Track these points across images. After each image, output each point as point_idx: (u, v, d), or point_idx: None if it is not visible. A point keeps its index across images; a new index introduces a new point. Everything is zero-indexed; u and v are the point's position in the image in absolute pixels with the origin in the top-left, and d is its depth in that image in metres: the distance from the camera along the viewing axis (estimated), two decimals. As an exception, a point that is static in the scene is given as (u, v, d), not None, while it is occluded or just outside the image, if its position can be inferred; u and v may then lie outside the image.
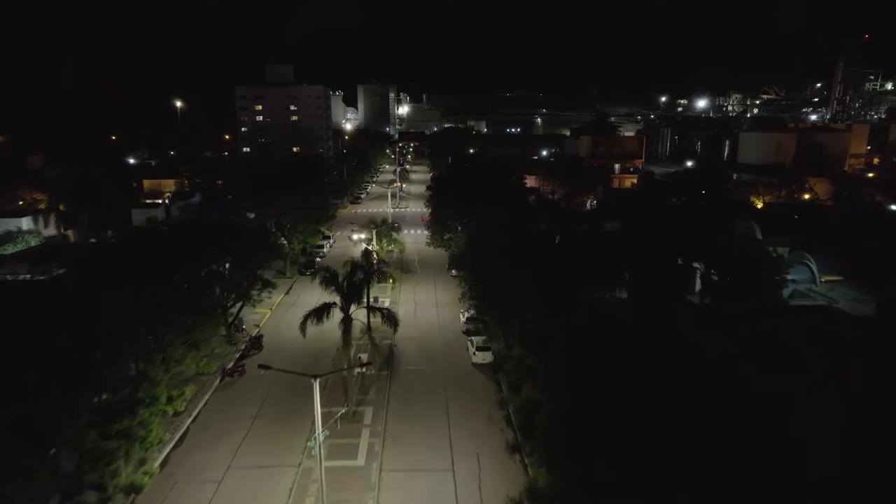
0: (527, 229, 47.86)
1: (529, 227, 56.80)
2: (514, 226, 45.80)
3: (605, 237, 51.57)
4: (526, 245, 39.57)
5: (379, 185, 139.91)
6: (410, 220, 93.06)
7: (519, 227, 45.87)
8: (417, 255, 70.71)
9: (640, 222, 62.20)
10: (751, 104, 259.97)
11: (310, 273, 62.30)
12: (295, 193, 59.43)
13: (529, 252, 38.03)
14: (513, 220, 59.35)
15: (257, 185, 66.04)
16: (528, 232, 46.21)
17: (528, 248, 39.07)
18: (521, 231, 45.18)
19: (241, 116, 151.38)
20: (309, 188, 62.83)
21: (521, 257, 37.28)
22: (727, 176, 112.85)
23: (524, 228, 47.34)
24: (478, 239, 43.75)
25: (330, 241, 75.21)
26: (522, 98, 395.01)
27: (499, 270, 37.33)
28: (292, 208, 58.76)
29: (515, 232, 43.92)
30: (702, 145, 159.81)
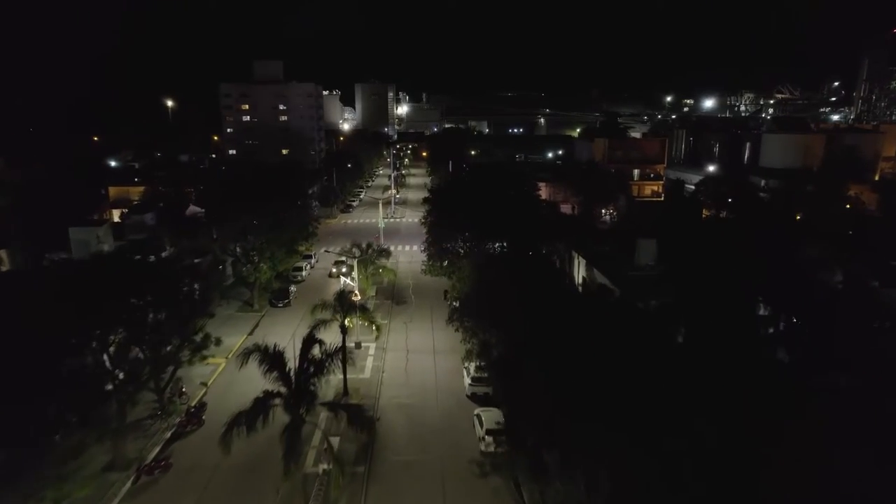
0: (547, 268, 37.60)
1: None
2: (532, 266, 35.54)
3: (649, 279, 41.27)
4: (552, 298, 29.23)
5: (374, 190, 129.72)
6: (406, 233, 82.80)
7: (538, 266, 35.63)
8: (412, 279, 60.37)
9: (681, 247, 51.96)
10: (765, 104, 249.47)
11: (283, 305, 52.11)
12: (262, 210, 49.01)
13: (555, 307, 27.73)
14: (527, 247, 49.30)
15: (225, 198, 55.78)
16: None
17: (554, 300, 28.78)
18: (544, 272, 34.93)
19: (226, 116, 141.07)
20: (282, 203, 52.38)
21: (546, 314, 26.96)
22: (756, 183, 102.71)
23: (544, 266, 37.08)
24: (487, 281, 33.40)
25: (311, 262, 64.84)
26: (524, 98, 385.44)
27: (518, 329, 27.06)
28: (259, 229, 48.31)
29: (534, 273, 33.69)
30: (720, 147, 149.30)
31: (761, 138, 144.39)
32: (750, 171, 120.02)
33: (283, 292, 53.25)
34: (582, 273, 55.03)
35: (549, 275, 34.91)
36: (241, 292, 53.85)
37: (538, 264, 37.58)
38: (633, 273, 48.92)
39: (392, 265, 65.72)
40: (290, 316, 49.78)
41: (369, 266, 47.69)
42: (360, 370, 38.99)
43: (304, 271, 60.68)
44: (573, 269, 57.18)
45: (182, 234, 51.63)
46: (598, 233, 60.05)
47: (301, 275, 59.79)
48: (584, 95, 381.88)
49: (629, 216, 68.46)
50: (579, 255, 55.53)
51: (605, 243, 56.85)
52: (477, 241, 50.82)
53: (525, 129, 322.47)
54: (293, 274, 59.37)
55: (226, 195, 57.38)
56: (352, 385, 36.33)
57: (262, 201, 51.90)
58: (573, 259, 57.08)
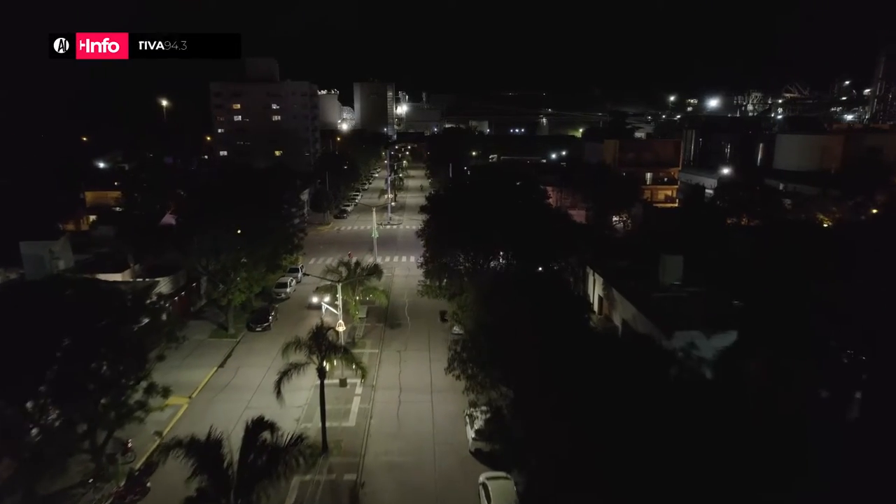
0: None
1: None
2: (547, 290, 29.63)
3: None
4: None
5: (371, 193, 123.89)
6: (403, 242, 76.94)
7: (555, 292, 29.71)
8: (408, 296, 54.43)
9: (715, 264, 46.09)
10: (773, 103, 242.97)
11: (262, 328, 46.18)
12: (236, 222, 43.08)
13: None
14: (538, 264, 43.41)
15: (201, 206, 49.98)
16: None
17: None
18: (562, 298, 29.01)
19: (216, 116, 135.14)
20: (260, 213, 46.47)
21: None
22: (774, 186, 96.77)
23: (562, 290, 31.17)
24: (493, 313, 27.44)
25: (297, 276, 58.87)
26: (526, 97, 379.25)
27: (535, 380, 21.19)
28: (232, 243, 42.32)
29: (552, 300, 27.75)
30: (731, 148, 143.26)
31: (775, 139, 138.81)
32: (764, 174, 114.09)
33: (262, 314, 47.28)
34: (598, 292, 49.10)
35: (566, 304, 28.99)
36: (216, 313, 47.88)
37: (552, 290, 31.61)
38: (659, 295, 43.06)
39: (386, 280, 59.95)
40: (270, 342, 43.77)
41: (358, 288, 41.64)
42: (344, 416, 33.07)
43: (289, 287, 54.66)
44: (588, 286, 51.25)
45: (149, 249, 45.71)
46: (614, 244, 54.02)
47: (285, 292, 53.81)
48: (586, 95, 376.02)
49: (646, 225, 62.48)
50: (595, 272, 49.61)
51: (622, 256, 51.00)
52: (481, 258, 45.01)
53: (527, 129, 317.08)
54: (276, 291, 53.45)
55: (203, 203, 51.64)
56: (333, 436, 30.41)
57: (237, 211, 46.05)
58: (587, 275, 51.17)
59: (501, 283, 31.21)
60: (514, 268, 40.50)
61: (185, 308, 47.74)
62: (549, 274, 36.11)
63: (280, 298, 53.10)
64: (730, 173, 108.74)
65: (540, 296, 28.80)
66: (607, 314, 47.03)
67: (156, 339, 29.11)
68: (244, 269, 43.18)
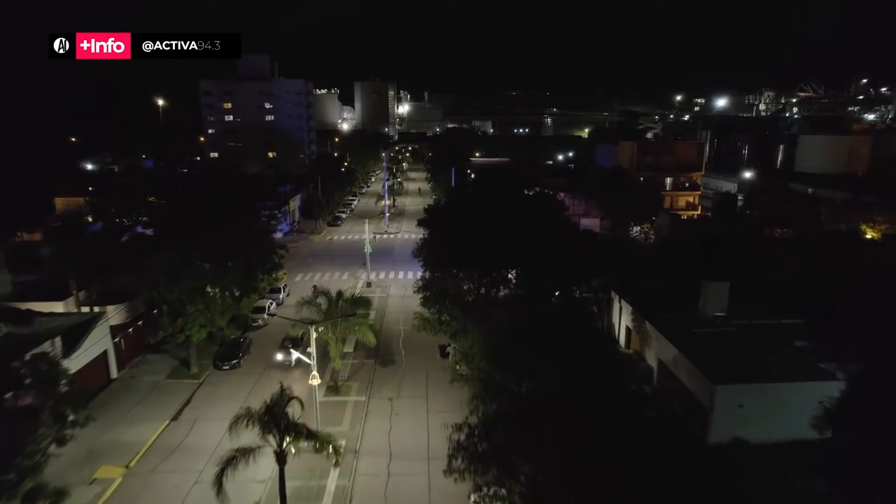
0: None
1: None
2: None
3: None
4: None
5: (369, 197, 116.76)
6: (400, 254, 69.86)
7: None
8: (403, 323, 47.39)
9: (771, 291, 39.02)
10: (787, 103, 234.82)
11: (230, 367, 39.24)
12: (191, 245, 36.02)
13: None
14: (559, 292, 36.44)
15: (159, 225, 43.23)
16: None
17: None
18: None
19: (207, 116, 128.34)
20: (228, 231, 39.45)
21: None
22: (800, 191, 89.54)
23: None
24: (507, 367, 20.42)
25: (279, 297, 51.89)
26: (530, 97, 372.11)
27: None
28: (189, 272, 35.25)
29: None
30: (749, 150, 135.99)
31: (797, 140, 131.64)
32: (787, 177, 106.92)
33: (230, 348, 40.18)
34: (626, 322, 42.02)
35: (608, 372, 21.92)
36: (179, 346, 40.74)
37: (587, 344, 24.52)
38: (701, 330, 36.01)
39: (379, 303, 53.01)
40: (238, 385, 36.87)
41: (339, 328, 34.38)
42: (317, 498, 26.02)
43: (266, 313, 47.54)
44: (612, 313, 44.16)
45: (99, 272, 38.68)
46: (639, 259, 46.83)
47: (262, 318, 46.74)
48: (590, 94, 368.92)
49: (672, 237, 55.36)
50: (622, 299, 42.53)
51: (649, 275, 43.94)
52: (488, 283, 38.00)
53: (531, 130, 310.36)
54: (252, 318, 46.47)
55: (167, 216, 44.78)
56: (300, 530, 23.43)
57: (204, 227, 39.09)
58: (612, 301, 44.09)
59: (517, 331, 24.15)
60: (530, 300, 33.37)
61: (138, 342, 40.70)
62: (576, 313, 29.08)
63: (256, 327, 46.08)
64: (752, 177, 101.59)
65: (571, 353, 21.74)
66: (637, 350, 39.97)
67: (56, 407, 21.79)
68: (204, 300, 36.05)
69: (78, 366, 32.76)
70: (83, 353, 33.40)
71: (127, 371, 38.22)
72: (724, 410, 28.62)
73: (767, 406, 28.39)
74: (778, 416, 28.23)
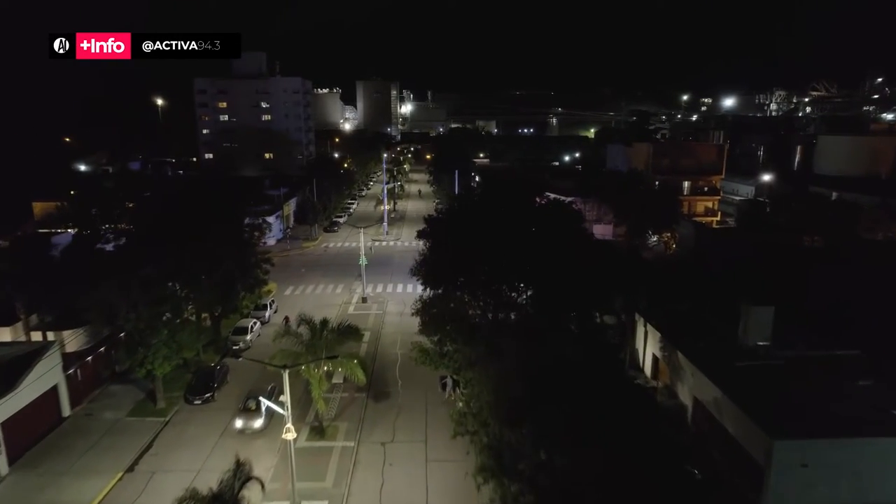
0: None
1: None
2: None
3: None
4: None
5: (368, 200, 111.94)
6: (400, 264, 64.94)
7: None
8: (401, 346, 42.49)
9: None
10: (799, 102, 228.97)
11: (201, 402, 34.47)
12: (155, 262, 31.28)
13: None
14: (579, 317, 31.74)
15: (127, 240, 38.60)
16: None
17: None
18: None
19: (201, 116, 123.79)
20: (204, 244, 34.74)
21: None
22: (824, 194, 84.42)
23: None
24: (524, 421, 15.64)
25: (265, 314, 47.05)
26: (534, 97, 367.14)
27: None
28: (150, 296, 30.41)
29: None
30: (764, 151, 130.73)
31: (814, 141, 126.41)
32: (806, 179, 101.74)
33: (204, 379, 35.27)
34: (652, 350, 37.06)
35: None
36: (141, 383, 35.75)
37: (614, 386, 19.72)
38: (743, 364, 31.05)
39: (374, 322, 48.18)
40: (210, 424, 32.06)
41: (319, 370, 29.25)
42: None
43: (250, 334, 42.69)
44: (636, 340, 39.22)
45: (51, 293, 33.93)
46: (662, 272, 41.77)
47: (244, 340, 41.88)
48: (595, 94, 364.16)
49: (698, 248, 50.35)
50: (648, 323, 37.58)
51: (675, 293, 38.96)
52: (495, 306, 33.19)
53: (536, 130, 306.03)
54: (233, 340, 41.66)
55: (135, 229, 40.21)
56: None
57: (176, 241, 34.42)
58: (635, 325, 39.13)
59: (534, 385, 19.31)
60: (545, 330, 28.43)
61: (100, 371, 35.90)
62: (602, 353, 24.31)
63: (237, 350, 41.24)
64: (770, 180, 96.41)
65: (604, 414, 16.91)
66: (667, 382, 35.01)
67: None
68: (169, 328, 31.14)
69: (17, 406, 28.08)
70: (25, 391, 28.65)
71: (83, 407, 33.42)
72: (785, 471, 23.66)
73: (840, 466, 23.46)
74: (853, 478, 23.34)
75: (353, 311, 50.41)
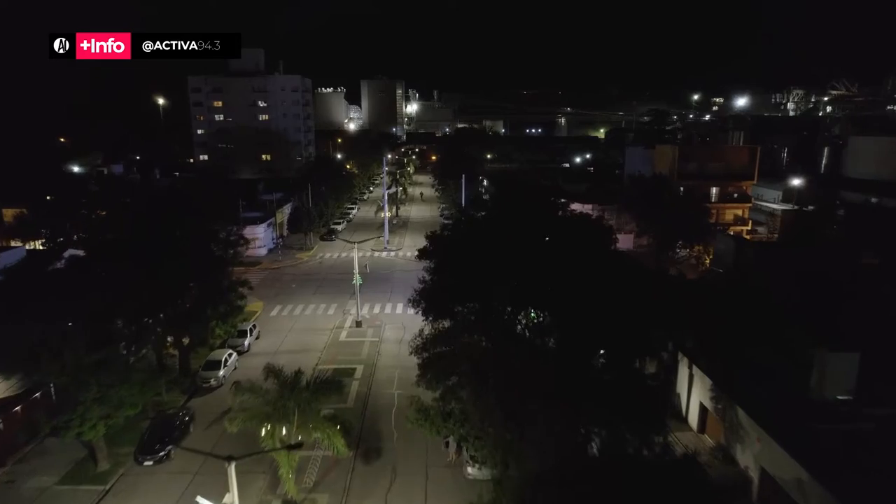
0: None
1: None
2: None
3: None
4: None
5: (370, 204, 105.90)
6: (401, 280, 59.00)
7: None
8: (398, 384, 36.44)
9: None
10: (818, 101, 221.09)
11: (153, 462, 28.42)
12: (98, 294, 25.29)
13: None
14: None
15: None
16: None
17: None
18: None
19: (195, 115, 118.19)
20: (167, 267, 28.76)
21: None
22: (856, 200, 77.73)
23: None
24: None
25: (244, 342, 41.00)
26: (542, 96, 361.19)
27: None
28: (82, 343, 24.36)
29: None
30: (789, 153, 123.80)
31: (839, 141, 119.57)
32: (836, 183, 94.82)
33: (157, 434, 29.16)
34: (700, 398, 30.72)
35: None
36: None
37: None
38: (825, 426, 24.74)
39: (369, 351, 42.00)
40: (161, 495, 26.03)
41: (293, 432, 23.13)
42: None
43: (223, 370, 36.60)
44: (678, 381, 32.87)
45: None
46: (709, 305, 35.38)
47: (216, 377, 35.80)
48: (603, 94, 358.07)
49: (738, 266, 43.90)
50: (693, 363, 31.26)
51: (726, 327, 32.57)
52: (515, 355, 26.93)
53: (544, 129, 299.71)
54: (203, 377, 35.63)
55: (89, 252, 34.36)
56: None
57: (118, 266, 28.42)
58: (677, 362, 32.80)
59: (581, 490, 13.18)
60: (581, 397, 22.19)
61: (30, 424, 29.75)
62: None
63: (207, 386, 35.26)
64: (801, 184, 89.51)
65: None
66: (720, 442, 28.65)
67: None
68: (99, 384, 24.90)
69: None
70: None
71: (5, 471, 27.38)
72: None
73: None
74: None
75: (346, 338, 44.31)
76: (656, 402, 27.14)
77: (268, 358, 40.36)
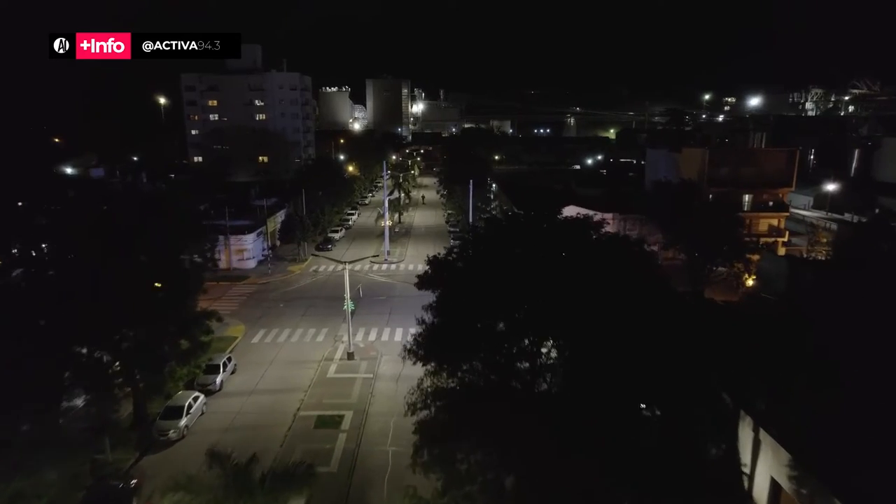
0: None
1: None
2: None
3: None
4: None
5: (372, 209, 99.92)
6: (402, 297, 53.13)
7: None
8: (393, 438, 30.41)
9: None
10: (838, 101, 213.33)
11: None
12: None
13: None
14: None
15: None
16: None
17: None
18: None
19: (189, 115, 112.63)
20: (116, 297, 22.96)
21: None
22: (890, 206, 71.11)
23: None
24: None
25: (218, 378, 35.05)
26: (550, 95, 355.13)
27: None
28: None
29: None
30: (815, 156, 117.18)
31: (869, 143, 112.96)
32: (870, 188, 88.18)
33: (103, 495, 23.34)
34: (772, 473, 24.37)
35: None
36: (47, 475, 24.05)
37: None
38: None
39: (361, 391, 35.84)
40: None
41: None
42: None
43: (185, 418, 30.61)
44: (738, 446, 26.57)
45: None
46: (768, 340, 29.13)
47: (176, 428, 29.85)
48: (611, 93, 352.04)
49: (792, 291, 37.62)
50: (760, 427, 24.98)
51: (789, 371, 26.30)
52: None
53: (552, 130, 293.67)
54: (160, 427, 29.71)
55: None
56: None
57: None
58: (737, 421, 26.53)
59: None
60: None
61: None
62: None
63: (165, 437, 29.35)
64: (836, 189, 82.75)
65: None
66: (803, 534, 22.41)
67: None
68: None
69: None
70: None
71: None
72: None
73: None
74: None
75: (334, 374, 38.28)
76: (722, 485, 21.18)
77: (242, 399, 34.68)
